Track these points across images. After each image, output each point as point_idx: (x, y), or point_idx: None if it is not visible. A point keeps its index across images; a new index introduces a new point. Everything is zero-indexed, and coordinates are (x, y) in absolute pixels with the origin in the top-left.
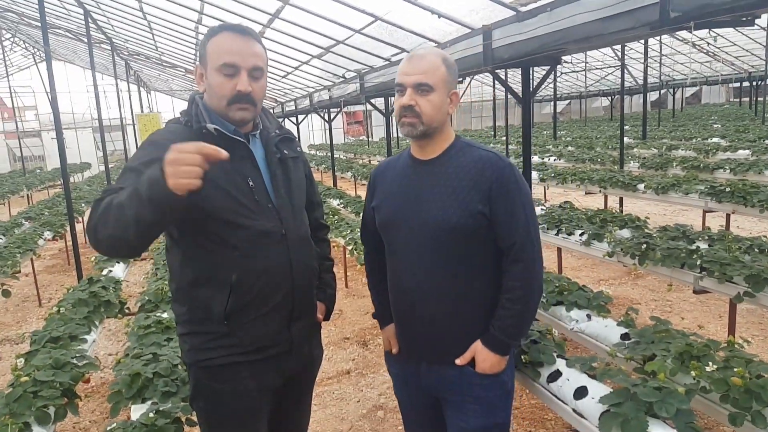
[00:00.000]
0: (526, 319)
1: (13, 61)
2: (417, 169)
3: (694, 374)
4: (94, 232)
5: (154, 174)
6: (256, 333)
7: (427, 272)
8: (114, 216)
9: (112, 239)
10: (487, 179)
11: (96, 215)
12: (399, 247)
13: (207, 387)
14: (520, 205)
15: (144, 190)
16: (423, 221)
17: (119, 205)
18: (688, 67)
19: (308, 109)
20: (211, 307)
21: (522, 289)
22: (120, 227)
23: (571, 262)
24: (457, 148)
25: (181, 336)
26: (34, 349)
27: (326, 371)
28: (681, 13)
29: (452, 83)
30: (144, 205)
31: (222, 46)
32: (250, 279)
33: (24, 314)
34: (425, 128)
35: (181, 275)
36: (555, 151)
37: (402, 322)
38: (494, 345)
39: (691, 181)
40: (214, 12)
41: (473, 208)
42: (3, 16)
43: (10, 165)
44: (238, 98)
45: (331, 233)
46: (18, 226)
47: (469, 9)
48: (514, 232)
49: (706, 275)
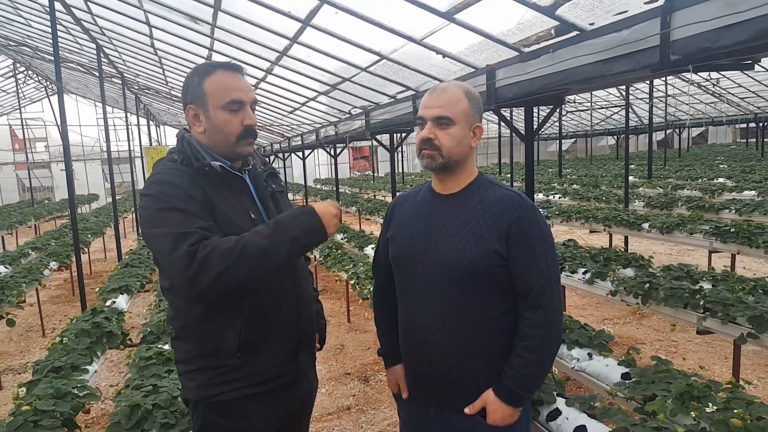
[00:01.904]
0: (542, 369)
1: (26, 94)
2: (436, 203)
3: (694, 415)
4: (215, 277)
5: (315, 224)
6: (267, 364)
7: (438, 310)
8: (254, 262)
9: (247, 280)
10: (507, 219)
11: (215, 262)
12: (411, 283)
13: (214, 423)
14: (541, 249)
15: (304, 237)
16: (436, 256)
17: (263, 251)
18: (693, 108)
19: (314, 144)
20: (224, 340)
21: (539, 337)
22: (262, 270)
23: (576, 301)
24: (479, 184)
25: (186, 373)
26: (36, 378)
27: (326, 407)
28: (681, 57)
29: (475, 117)
30: (297, 249)
31: (224, 85)
32: (262, 309)
33: (27, 344)
34: (444, 161)
35: (189, 312)
36: (560, 188)
37: (410, 362)
38: (507, 396)
39: (696, 220)
40: (223, 49)
41: (490, 247)
42: (18, 50)
43: (19, 195)
44: (247, 133)
45: (334, 267)
46: (24, 255)
47: (473, 49)
48: (533, 276)
49: (709, 315)
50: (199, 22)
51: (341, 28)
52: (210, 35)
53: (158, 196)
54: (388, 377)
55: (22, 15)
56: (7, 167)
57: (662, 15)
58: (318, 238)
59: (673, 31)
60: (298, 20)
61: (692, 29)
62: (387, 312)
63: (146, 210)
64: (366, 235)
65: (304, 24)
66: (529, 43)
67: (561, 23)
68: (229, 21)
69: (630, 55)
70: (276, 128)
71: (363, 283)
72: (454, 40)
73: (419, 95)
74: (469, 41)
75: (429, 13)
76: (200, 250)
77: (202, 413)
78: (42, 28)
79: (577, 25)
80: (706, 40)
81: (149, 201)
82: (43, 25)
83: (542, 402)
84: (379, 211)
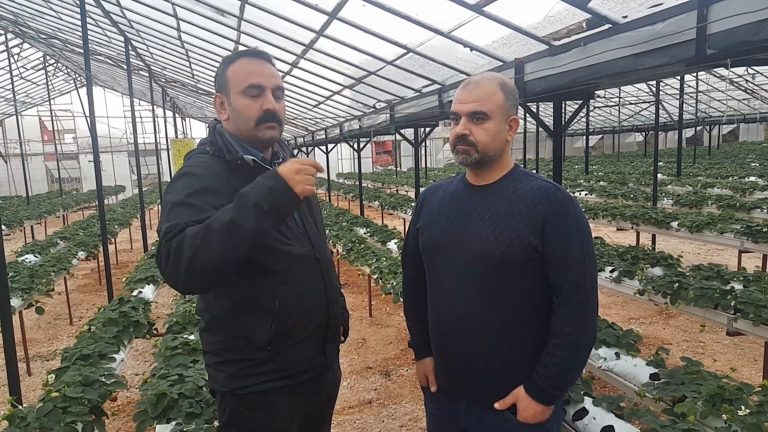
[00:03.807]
0: (575, 368)
1: (55, 86)
2: (469, 193)
3: (725, 418)
4: (188, 263)
5: (275, 184)
6: (296, 357)
7: (469, 303)
8: (221, 237)
9: (219, 262)
10: (542, 211)
11: (185, 248)
12: (441, 274)
13: (241, 414)
14: (577, 242)
15: (264, 201)
16: (468, 248)
17: (229, 223)
18: (724, 104)
19: (338, 138)
20: (255, 333)
21: (573, 335)
22: (232, 246)
23: (601, 299)
24: (515, 176)
25: (215, 365)
26: (65, 365)
27: (348, 400)
28: (718, 51)
29: (511, 109)
30: (265, 215)
31: (244, 70)
32: (292, 303)
33: (56, 332)
34: (480, 156)
35: (218, 304)
36: (587, 185)
37: (441, 355)
38: (538, 394)
39: (726, 220)
40: (249, 42)
41: (524, 239)
42: (49, 43)
43: (48, 186)
44: (266, 117)
45: (357, 262)
46: (53, 245)
47: (501, 42)
48: (568, 271)
49: (741, 317)
50: (227, 15)
51: (368, 21)
52: (237, 28)
53: (176, 187)
54: (417, 369)
55: (53, 8)
56: (37, 158)
57: (699, 7)
58: (283, 197)
59: (710, 24)
60: (325, 13)
61: (730, 22)
62: (416, 303)
63: (166, 204)
64: (389, 229)
65: (330, 17)
66: (560, 36)
67: (593, 16)
68: (256, 14)
69: (664, 48)
70: (300, 122)
71: (386, 278)
72: (482, 32)
73: (445, 89)
74: (497, 34)
75: (457, 6)
76: (174, 242)
77: (229, 404)
78: (72, 21)
79: (609, 18)
80: (745, 33)
81: (170, 194)
82: (73, 18)
83: (569, 401)
84: (402, 206)
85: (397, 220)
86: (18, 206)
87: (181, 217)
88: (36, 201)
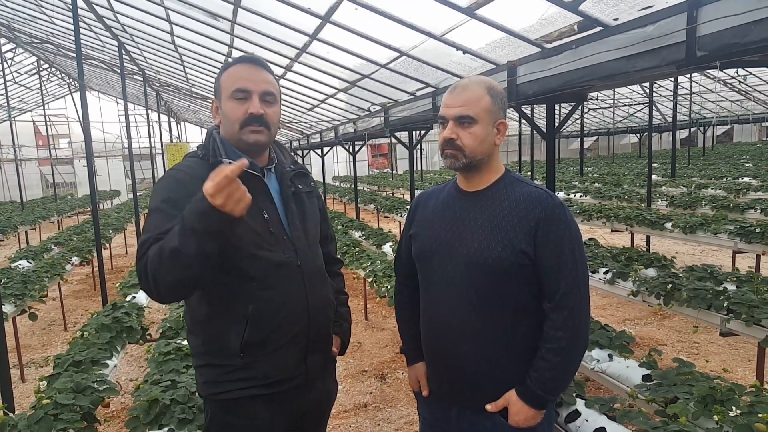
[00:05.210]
0: (568, 372)
1: (49, 90)
2: (461, 200)
3: (717, 418)
4: (154, 284)
5: (201, 207)
6: (272, 366)
7: (461, 309)
8: (171, 263)
9: (178, 283)
10: (534, 217)
11: (150, 269)
12: (434, 280)
13: (222, 420)
14: (569, 249)
15: (198, 225)
16: (460, 254)
17: (173, 250)
18: (718, 105)
19: (333, 142)
20: (227, 339)
21: (566, 339)
22: (182, 269)
23: (596, 301)
24: (506, 182)
25: (197, 368)
26: (57, 372)
27: (343, 404)
28: (707, 53)
29: (498, 113)
30: (203, 237)
31: (234, 75)
32: (267, 311)
33: (50, 338)
34: (468, 161)
35: (198, 308)
36: (581, 187)
37: (433, 360)
38: (530, 398)
39: (720, 220)
40: (243, 45)
41: (516, 245)
42: (42, 48)
43: (43, 191)
44: (250, 120)
45: (352, 265)
46: (47, 250)
47: (494, 45)
48: (560, 277)
49: (733, 317)
50: (220, 19)
51: (361, 25)
52: (230, 32)
53: (155, 192)
54: (409, 375)
55: (45, 12)
56: (31, 163)
57: (688, 10)
58: (214, 219)
59: (699, 26)
60: (318, 16)
61: (719, 24)
62: (409, 309)
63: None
64: (384, 232)
65: (323, 20)
66: (551, 39)
67: (584, 19)
68: (249, 18)
69: (655, 51)
70: (295, 125)
71: (381, 281)
72: (474, 36)
73: (439, 92)
74: (490, 37)
75: (450, 9)
76: (141, 263)
77: (210, 409)
78: (65, 26)
79: (600, 21)
80: (734, 35)
81: (151, 197)
82: (65, 23)
83: (561, 403)
84: (397, 209)
85: (392, 223)
86: (12, 212)
87: (150, 228)
88: (30, 206)
